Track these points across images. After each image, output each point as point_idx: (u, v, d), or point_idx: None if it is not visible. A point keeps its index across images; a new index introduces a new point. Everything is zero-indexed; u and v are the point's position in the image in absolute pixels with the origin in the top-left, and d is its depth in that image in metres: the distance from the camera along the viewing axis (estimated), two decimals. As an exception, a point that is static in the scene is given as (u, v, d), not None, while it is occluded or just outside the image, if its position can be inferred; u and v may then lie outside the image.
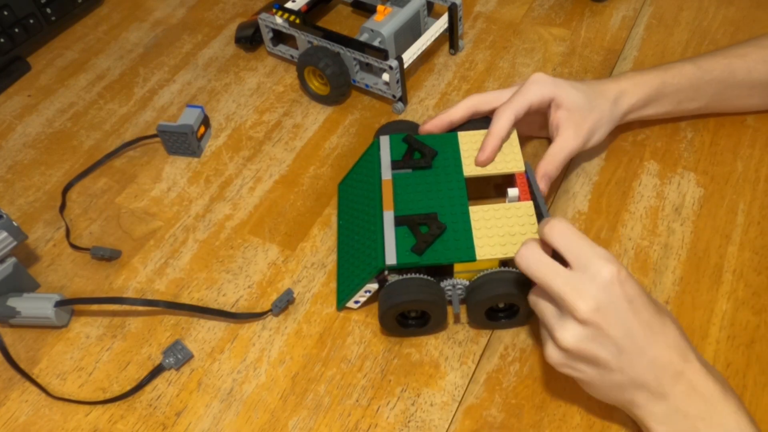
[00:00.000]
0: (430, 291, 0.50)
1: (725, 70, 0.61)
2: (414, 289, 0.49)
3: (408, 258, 0.50)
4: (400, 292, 0.49)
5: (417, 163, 0.56)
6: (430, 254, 0.50)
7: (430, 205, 0.53)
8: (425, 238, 0.51)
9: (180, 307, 0.54)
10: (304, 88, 0.70)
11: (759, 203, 0.59)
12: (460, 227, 0.51)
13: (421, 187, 0.55)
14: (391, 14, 0.69)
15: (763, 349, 0.50)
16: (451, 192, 0.54)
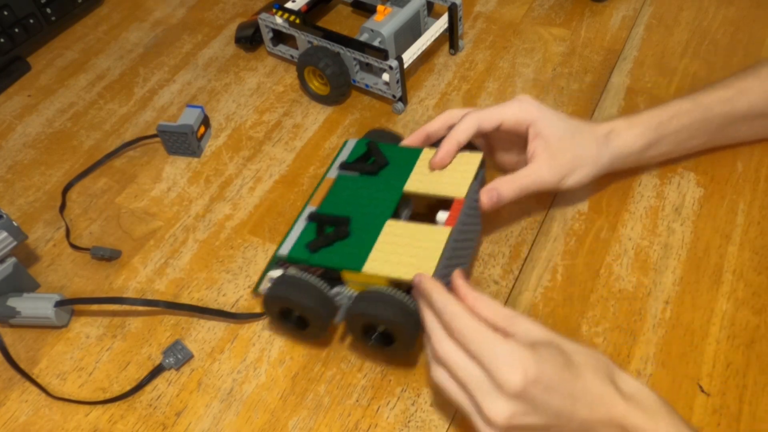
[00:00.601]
0: (308, 294, 0.47)
1: (726, 106, 0.57)
2: (291, 288, 0.48)
3: (299, 253, 0.49)
4: (280, 287, 0.48)
5: (364, 168, 0.54)
6: (322, 255, 0.49)
7: (352, 210, 0.52)
8: (324, 238, 0.50)
9: (180, 307, 0.54)
10: (304, 88, 0.70)
11: (759, 203, 0.59)
12: (365, 237, 0.49)
13: (357, 192, 0.53)
14: (391, 14, 0.69)
15: (763, 349, 0.50)
16: (380, 202, 0.52)
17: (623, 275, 0.55)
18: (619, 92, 0.69)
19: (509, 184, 0.52)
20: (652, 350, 0.51)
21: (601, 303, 0.54)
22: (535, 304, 0.54)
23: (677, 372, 0.50)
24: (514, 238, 0.58)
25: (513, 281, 0.56)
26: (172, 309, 0.54)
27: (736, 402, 0.48)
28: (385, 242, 0.49)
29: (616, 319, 0.53)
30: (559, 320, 0.53)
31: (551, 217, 0.60)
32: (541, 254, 0.57)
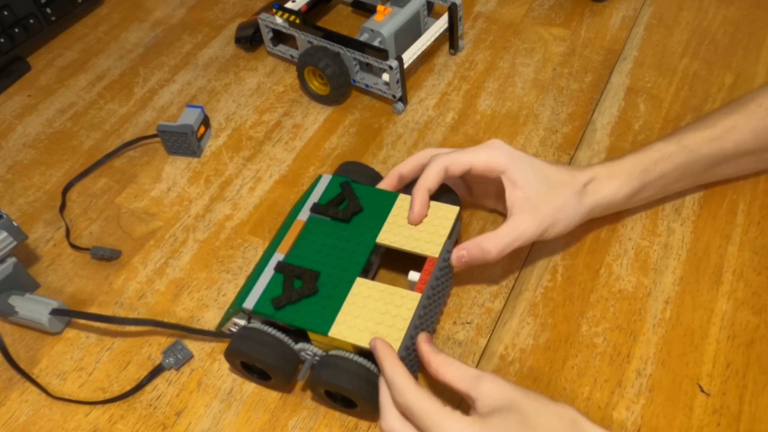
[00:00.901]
0: (271, 350, 0.47)
1: (713, 146, 0.54)
2: (254, 344, 0.47)
3: (264, 308, 0.48)
4: (242, 341, 0.47)
5: (335, 214, 0.52)
6: (288, 312, 0.48)
7: (322, 262, 0.50)
8: (291, 294, 0.48)
9: (168, 326, 0.52)
10: (304, 88, 0.70)
11: (759, 203, 0.59)
12: (334, 295, 0.48)
13: (327, 239, 0.52)
14: (391, 14, 0.69)
15: (763, 349, 0.50)
16: (351, 255, 0.50)
17: (623, 275, 0.55)
18: (619, 92, 0.69)
19: (492, 242, 0.49)
20: (652, 350, 0.51)
21: (601, 303, 0.54)
22: (535, 304, 0.54)
23: (677, 372, 0.50)
24: (514, 238, 0.58)
25: (513, 281, 0.56)
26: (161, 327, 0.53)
27: (736, 402, 0.48)
28: (353, 303, 0.47)
29: (616, 319, 0.53)
30: (559, 320, 0.53)
31: (551, 217, 0.60)
32: (541, 254, 0.57)
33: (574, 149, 0.65)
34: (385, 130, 0.68)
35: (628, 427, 0.47)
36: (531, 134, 0.66)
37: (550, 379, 0.50)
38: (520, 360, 0.51)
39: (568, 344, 0.51)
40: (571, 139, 0.65)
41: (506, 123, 0.68)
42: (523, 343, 0.52)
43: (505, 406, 0.40)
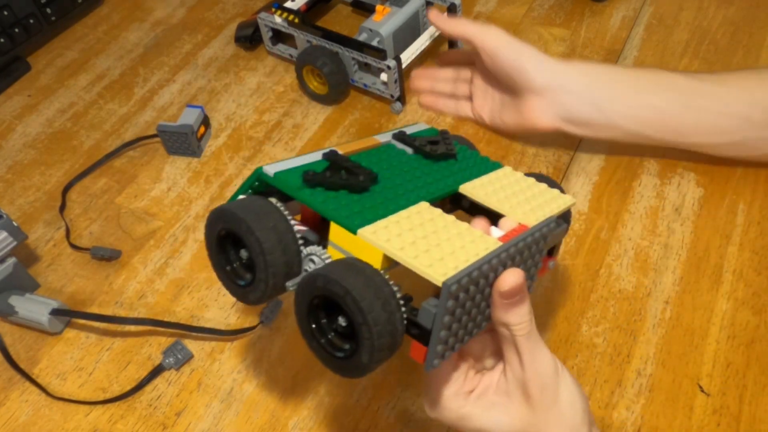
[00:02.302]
0: (272, 228, 0.34)
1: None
2: (252, 213, 0.34)
3: (288, 178, 0.36)
4: (238, 205, 0.35)
5: (422, 145, 0.44)
6: (316, 195, 0.36)
7: (386, 175, 0.40)
8: (331, 176, 0.37)
9: (169, 326, 0.53)
10: (302, 87, 0.70)
11: (759, 203, 0.59)
12: (385, 203, 0.37)
13: (402, 166, 0.42)
14: (390, 14, 0.69)
15: (763, 349, 0.50)
16: (425, 185, 0.40)
17: (623, 275, 0.55)
18: (619, 92, 0.69)
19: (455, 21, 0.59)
20: (652, 350, 0.51)
21: (601, 303, 0.54)
22: (535, 304, 0.54)
23: (677, 372, 0.50)
24: (514, 238, 0.58)
25: (513, 281, 0.55)
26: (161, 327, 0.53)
27: (736, 402, 0.48)
28: (407, 218, 0.36)
29: (616, 319, 0.53)
30: (559, 320, 0.53)
31: (551, 217, 0.60)
32: (541, 254, 0.57)
33: (574, 149, 0.65)
34: (385, 130, 0.68)
35: (628, 427, 0.47)
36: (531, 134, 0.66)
37: (550, 379, 0.50)
38: (520, 360, 0.51)
39: (568, 344, 0.51)
40: (571, 139, 0.65)
41: (506, 123, 0.68)
42: (523, 343, 0.52)
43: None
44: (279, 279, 0.35)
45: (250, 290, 0.36)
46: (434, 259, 0.33)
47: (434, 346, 0.32)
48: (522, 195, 0.41)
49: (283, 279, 0.35)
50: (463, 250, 0.34)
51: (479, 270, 0.33)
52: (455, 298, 0.31)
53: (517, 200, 0.40)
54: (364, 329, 0.31)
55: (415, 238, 0.34)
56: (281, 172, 0.37)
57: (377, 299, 0.31)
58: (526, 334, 0.35)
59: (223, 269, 0.37)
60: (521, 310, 0.35)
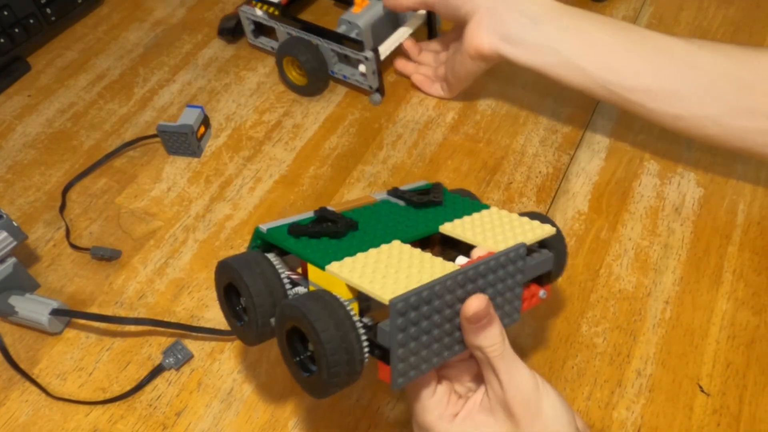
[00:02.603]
0: (258, 275, 0.39)
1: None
2: (245, 264, 0.39)
3: (277, 233, 0.42)
4: (237, 258, 0.40)
5: (410, 197, 0.47)
6: (298, 242, 0.41)
7: (368, 223, 0.44)
8: (313, 226, 0.42)
9: (169, 326, 0.53)
10: (283, 78, 0.72)
11: (759, 203, 0.59)
12: (358, 243, 0.41)
13: (388, 216, 0.46)
14: (368, 6, 0.69)
15: (763, 349, 0.50)
16: (404, 228, 0.44)
17: (623, 275, 0.55)
18: (619, 92, 0.69)
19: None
20: (652, 350, 0.51)
21: (601, 303, 0.54)
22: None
23: (677, 372, 0.50)
24: (514, 238, 0.58)
25: (513, 281, 0.56)
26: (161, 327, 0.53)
27: (736, 402, 0.48)
28: (376, 254, 0.39)
29: (616, 319, 0.53)
30: (559, 320, 0.53)
31: (551, 217, 0.60)
32: (541, 254, 0.57)
33: (574, 149, 0.65)
34: (385, 130, 0.68)
35: (628, 427, 0.47)
36: (531, 134, 0.66)
37: (550, 379, 0.50)
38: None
39: (568, 344, 0.51)
40: (571, 139, 0.65)
41: (506, 123, 0.68)
42: (523, 343, 0.52)
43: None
44: (268, 319, 0.39)
45: (247, 330, 0.40)
46: (388, 283, 0.35)
47: (395, 364, 0.34)
48: (501, 228, 0.43)
49: (269, 309, 0.39)
50: (420, 274, 0.36)
51: (431, 290, 0.34)
52: (403, 315, 0.33)
53: (494, 232, 0.42)
54: (319, 347, 0.34)
55: (377, 268, 0.37)
56: (273, 228, 0.42)
57: (331, 319, 0.34)
58: (500, 354, 0.36)
59: (228, 315, 0.42)
60: (491, 333, 0.36)
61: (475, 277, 0.37)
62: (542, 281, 0.43)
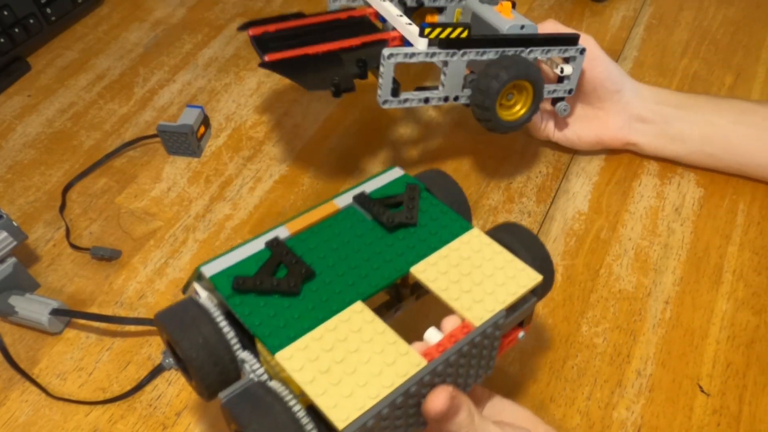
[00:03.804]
0: (197, 340, 0.35)
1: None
2: (180, 322, 0.36)
3: (221, 282, 0.36)
4: (173, 312, 0.37)
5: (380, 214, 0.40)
6: (246, 302, 0.36)
7: (329, 263, 0.38)
8: (264, 280, 0.36)
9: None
10: (492, 125, 0.53)
11: (759, 203, 0.59)
12: (316, 308, 0.36)
13: (353, 241, 0.40)
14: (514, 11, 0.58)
15: (763, 349, 0.50)
16: (370, 271, 0.38)
17: (623, 275, 0.55)
18: (619, 92, 0.69)
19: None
20: (652, 350, 0.51)
21: (601, 303, 0.54)
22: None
23: (677, 372, 0.50)
24: (514, 238, 0.58)
25: (513, 281, 0.56)
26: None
27: (736, 402, 0.48)
28: (332, 330, 0.35)
29: (616, 319, 0.53)
30: (559, 320, 0.53)
31: (551, 217, 0.60)
32: (541, 254, 0.57)
33: (574, 149, 0.65)
34: (386, 130, 0.68)
35: (628, 427, 0.47)
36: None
37: (550, 379, 0.50)
38: (520, 360, 0.51)
39: (568, 344, 0.51)
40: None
41: (506, 123, 0.68)
42: (523, 343, 0.52)
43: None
44: (215, 387, 0.35)
45: (198, 390, 0.36)
46: (341, 396, 0.32)
47: None
48: (479, 274, 0.38)
49: (219, 385, 0.35)
50: (380, 377, 0.33)
51: (391, 405, 0.32)
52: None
53: (471, 284, 0.37)
54: None
55: (331, 362, 0.33)
56: (217, 275, 0.37)
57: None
58: (467, 428, 0.34)
59: (180, 367, 0.38)
60: (456, 419, 0.34)
61: (443, 370, 0.34)
62: (522, 322, 0.39)
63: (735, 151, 0.59)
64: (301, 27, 0.55)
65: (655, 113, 0.59)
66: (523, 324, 0.40)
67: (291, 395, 0.33)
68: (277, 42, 0.52)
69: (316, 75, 0.50)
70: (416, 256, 0.39)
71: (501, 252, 0.39)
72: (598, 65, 0.57)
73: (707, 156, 0.60)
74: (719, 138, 0.59)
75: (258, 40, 0.53)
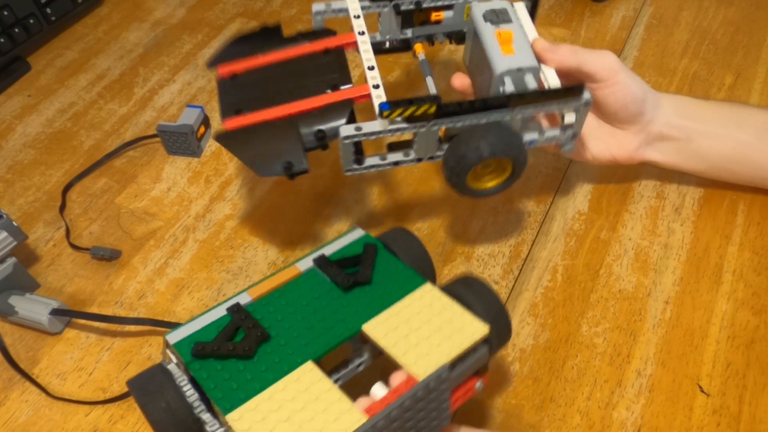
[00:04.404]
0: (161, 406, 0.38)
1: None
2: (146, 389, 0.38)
3: (183, 349, 0.39)
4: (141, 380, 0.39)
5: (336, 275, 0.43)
6: (205, 366, 0.38)
7: (285, 325, 0.40)
8: (221, 345, 0.39)
9: (170, 326, 0.53)
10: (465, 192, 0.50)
11: (759, 203, 0.59)
12: (268, 370, 0.38)
13: (311, 303, 0.42)
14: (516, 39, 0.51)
15: (763, 349, 0.50)
16: (323, 330, 0.40)
17: (623, 275, 0.55)
18: (619, 92, 0.69)
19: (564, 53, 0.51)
20: (652, 350, 0.51)
21: (601, 303, 0.54)
22: (535, 304, 0.54)
23: (677, 372, 0.50)
24: (514, 238, 0.58)
25: (513, 281, 0.56)
26: (161, 327, 0.53)
27: (736, 402, 0.48)
28: (280, 391, 0.37)
29: (616, 319, 0.53)
30: (559, 320, 0.53)
31: (551, 217, 0.60)
32: (541, 254, 0.57)
33: (574, 149, 0.65)
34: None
35: (628, 427, 0.47)
36: (531, 134, 0.66)
37: (550, 379, 0.50)
38: (520, 360, 0.51)
39: (568, 344, 0.52)
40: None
41: (506, 123, 0.68)
42: (523, 343, 0.52)
43: None
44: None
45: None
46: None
47: None
48: (427, 328, 0.39)
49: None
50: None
51: None
52: None
53: (418, 338, 0.38)
54: None
55: (277, 422, 0.35)
56: (179, 342, 0.40)
57: None
58: None
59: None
60: None
61: (387, 423, 0.35)
62: (479, 372, 0.40)
63: (757, 167, 0.57)
64: (269, 67, 0.52)
65: (676, 130, 0.56)
66: (479, 373, 0.40)
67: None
68: (238, 94, 0.50)
69: (267, 153, 0.47)
70: (369, 313, 0.41)
71: (451, 305, 0.40)
72: (619, 90, 0.52)
73: (727, 172, 0.58)
74: (741, 155, 0.56)
75: (222, 87, 0.51)
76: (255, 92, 0.50)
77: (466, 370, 0.39)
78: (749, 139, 0.56)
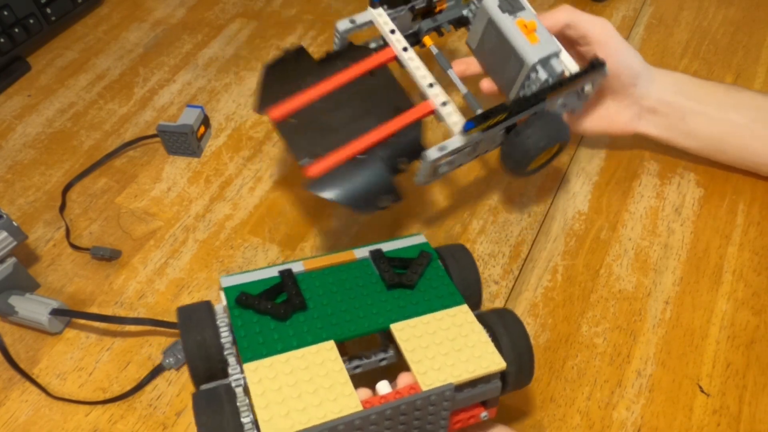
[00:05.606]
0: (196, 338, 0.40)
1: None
2: (188, 321, 0.41)
3: (230, 294, 0.42)
4: (188, 311, 0.42)
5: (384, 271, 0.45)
6: (242, 316, 0.41)
7: (325, 303, 0.43)
8: (261, 302, 0.42)
9: (169, 326, 0.53)
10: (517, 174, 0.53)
11: (759, 203, 0.59)
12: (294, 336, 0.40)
13: (360, 291, 0.44)
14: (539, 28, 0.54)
15: (763, 349, 0.50)
16: (356, 319, 0.42)
17: (623, 275, 0.55)
18: (619, 92, 0.69)
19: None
20: (652, 350, 0.51)
21: (601, 303, 0.54)
22: (535, 304, 0.54)
23: (677, 372, 0.50)
24: (514, 238, 0.58)
25: (513, 281, 0.56)
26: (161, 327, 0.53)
27: (736, 402, 0.48)
28: (298, 358, 0.39)
29: (616, 319, 0.53)
30: (559, 320, 0.53)
31: (551, 217, 0.60)
32: (541, 254, 0.57)
33: (574, 149, 0.65)
34: (385, 130, 0.68)
35: (628, 427, 0.47)
36: (531, 134, 0.66)
37: (550, 379, 0.50)
38: (520, 360, 0.51)
39: (568, 344, 0.52)
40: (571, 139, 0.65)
41: (506, 123, 0.68)
42: (523, 343, 0.52)
43: None
44: (201, 379, 0.41)
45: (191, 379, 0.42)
46: (279, 414, 0.36)
47: None
48: (448, 346, 0.40)
49: (205, 379, 0.41)
50: (317, 408, 0.36)
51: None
52: None
53: (437, 353, 0.40)
54: None
55: (284, 384, 0.37)
56: (229, 288, 0.43)
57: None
58: None
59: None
60: None
61: (379, 419, 0.36)
62: (488, 404, 0.41)
63: (750, 151, 0.57)
64: (322, 100, 0.50)
65: (669, 106, 0.56)
66: (487, 405, 0.41)
67: (245, 404, 0.37)
68: (305, 136, 0.48)
69: (361, 190, 0.46)
70: (402, 315, 0.42)
71: (479, 333, 0.41)
72: (613, 54, 0.53)
73: (720, 153, 0.58)
74: (735, 138, 0.57)
75: (285, 132, 0.48)
76: (321, 131, 0.49)
77: (474, 396, 0.39)
78: (744, 122, 0.56)
